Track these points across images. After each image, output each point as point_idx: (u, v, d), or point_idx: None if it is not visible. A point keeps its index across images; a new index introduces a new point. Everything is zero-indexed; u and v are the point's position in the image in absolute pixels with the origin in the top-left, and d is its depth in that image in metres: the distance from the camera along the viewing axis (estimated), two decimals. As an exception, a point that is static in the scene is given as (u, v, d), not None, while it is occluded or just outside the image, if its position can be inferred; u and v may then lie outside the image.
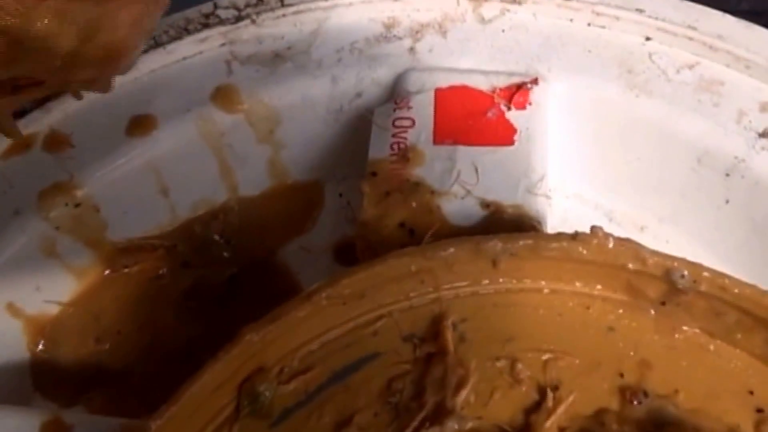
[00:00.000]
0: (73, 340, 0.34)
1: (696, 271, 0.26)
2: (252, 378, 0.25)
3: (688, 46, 0.35)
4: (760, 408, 0.25)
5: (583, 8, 0.36)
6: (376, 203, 0.31)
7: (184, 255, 0.36)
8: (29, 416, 0.26)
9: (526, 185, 0.31)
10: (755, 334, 0.26)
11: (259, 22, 0.36)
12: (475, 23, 0.36)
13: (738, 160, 0.33)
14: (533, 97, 0.34)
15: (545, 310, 0.27)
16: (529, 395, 0.26)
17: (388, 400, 0.26)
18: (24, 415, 0.26)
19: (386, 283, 0.27)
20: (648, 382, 0.26)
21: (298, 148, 0.38)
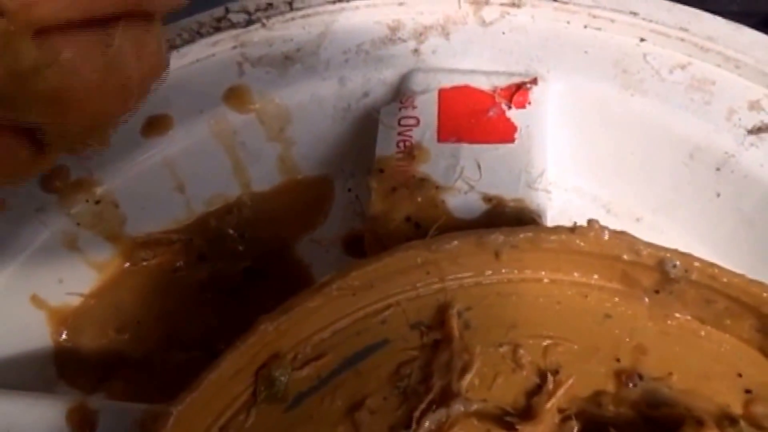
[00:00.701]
0: (95, 330, 0.34)
1: (687, 261, 0.26)
2: (268, 364, 0.26)
3: (681, 47, 0.35)
4: (748, 389, 0.26)
5: (580, 11, 0.36)
6: (384, 198, 0.32)
7: (199, 248, 0.36)
8: (56, 402, 0.27)
9: (527, 180, 0.32)
10: (743, 320, 0.26)
11: (269, 25, 0.36)
12: (476, 26, 0.37)
13: (728, 155, 0.33)
14: (533, 97, 0.34)
15: (545, 299, 0.28)
16: (530, 379, 0.26)
17: (397, 384, 0.26)
18: (51, 402, 0.27)
19: (394, 275, 0.27)
20: (643, 365, 0.26)
21: (308, 145, 0.38)
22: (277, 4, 0.37)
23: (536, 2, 0.36)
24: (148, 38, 0.21)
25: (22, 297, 0.32)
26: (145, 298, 0.35)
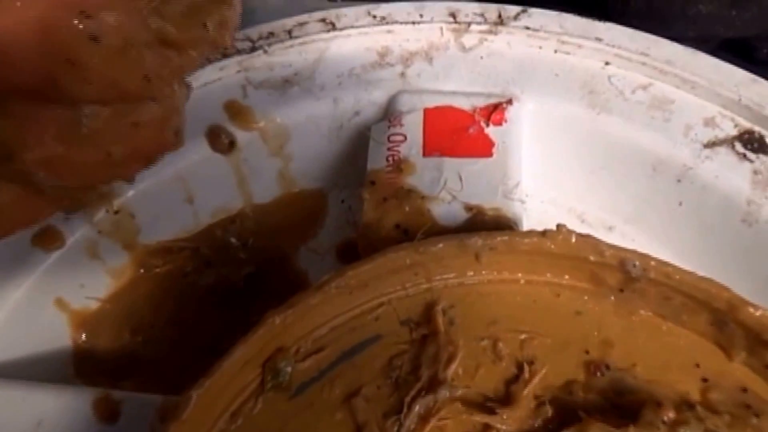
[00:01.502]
0: (111, 333, 0.35)
1: (645, 261, 0.27)
2: (274, 357, 0.27)
3: (642, 70, 0.35)
4: (705, 378, 0.27)
5: (550, 37, 0.36)
6: (375, 208, 0.32)
7: (206, 256, 0.37)
8: (82, 393, 0.28)
9: (504, 191, 0.32)
10: (698, 315, 0.27)
11: (270, 52, 0.37)
12: (457, 51, 0.37)
13: (687, 167, 0.34)
14: (508, 115, 0.35)
15: (521, 298, 0.28)
16: (508, 369, 0.27)
17: (389, 374, 0.27)
18: (78, 392, 0.28)
19: (386, 275, 0.28)
20: (610, 357, 0.27)
21: (305, 160, 0.38)
22: (277, 33, 0.37)
23: (511, 30, 0.37)
24: (139, 115, 0.21)
25: (48, 299, 0.33)
26: (157, 302, 0.36)
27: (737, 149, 0.34)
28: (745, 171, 0.33)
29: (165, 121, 0.22)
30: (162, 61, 0.20)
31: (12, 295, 0.32)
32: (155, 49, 0.20)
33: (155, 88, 0.20)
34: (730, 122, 0.34)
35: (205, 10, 0.20)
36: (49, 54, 0.18)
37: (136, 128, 0.21)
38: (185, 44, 0.20)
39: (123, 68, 0.19)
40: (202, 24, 0.20)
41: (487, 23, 0.37)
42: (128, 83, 0.19)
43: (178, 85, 0.22)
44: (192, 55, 0.21)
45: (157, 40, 0.20)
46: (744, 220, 0.33)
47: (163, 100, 0.21)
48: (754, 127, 0.34)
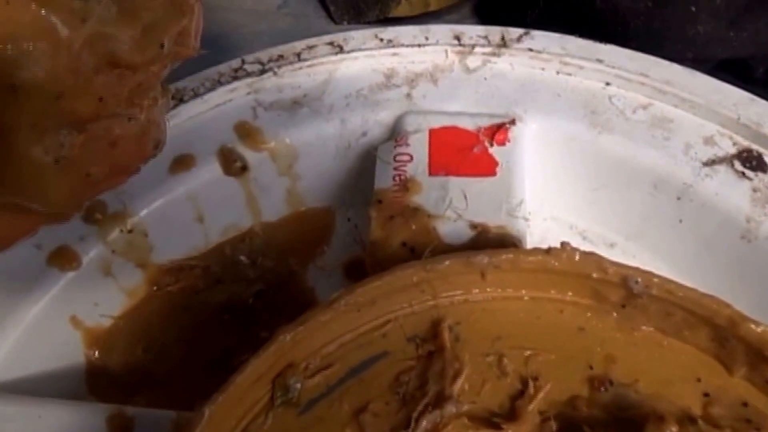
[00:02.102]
0: (123, 350, 0.35)
1: (647, 278, 0.27)
2: (283, 373, 0.26)
3: (642, 90, 0.36)
4: (706, 392, 0.26)
5: (552, 59, 0.37)
6: (382, 226, 0.32)
7: (217, 274, 0.37)
8: (96, 410, 0.28)
9: (508, 209, 0.33)
10: (700, 331, 0.27)
11: (280, 74, 0.38)
12: (461, 73, 0.38)
13: (687, 185, 0.34)
14: (512, 135, 0.35)
15: (526, 314, 0.28)
16: (513, 385, 0.27)
17: (396, 390, 0.27)
18: (92, 409, 0.28)
19: (393, 292, 0.28)
20: (613, 372, 0.27)
21: (313, 179, 0.39)
22: (286, 56, 0.38)
23: (514, 52, 0.37)
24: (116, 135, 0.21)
25: (63, 318, 0.33)
26: (169, 319, 0.36)
27: (736, 167, 0.34)
28: (744, 189, 0.33)
29: (143, 136, 0.22)
30: (116, 81, 0.20)
31: (28, 313, 0.32)
32: (105, 71, 0.19)
33: (113, 107, 0.20)
34: (729, 141, 0.35)
35: (161, 29, 0.20)
36: None
37: (114, 147, 0.21)
38: (141, 65, 0.20)
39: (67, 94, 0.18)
40: (158, 44, 0.20)
41: (490, 45, 0.38)
42: (78, 107, 0.19)
43: (153, 99, 0.21)
44: (152, 70, 0.20)
45: (107, 63, 0.19)
46: (743, 236, 0.33)
47: (137, 115, 0.21)
48: (752, 145, 0.34)
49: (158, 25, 0.19)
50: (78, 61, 0.18)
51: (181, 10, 0.20)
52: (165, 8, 0.19)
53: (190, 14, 0.21)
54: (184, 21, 0.20)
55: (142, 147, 0.22)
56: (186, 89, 0.36)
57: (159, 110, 0.22)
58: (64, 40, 0.17)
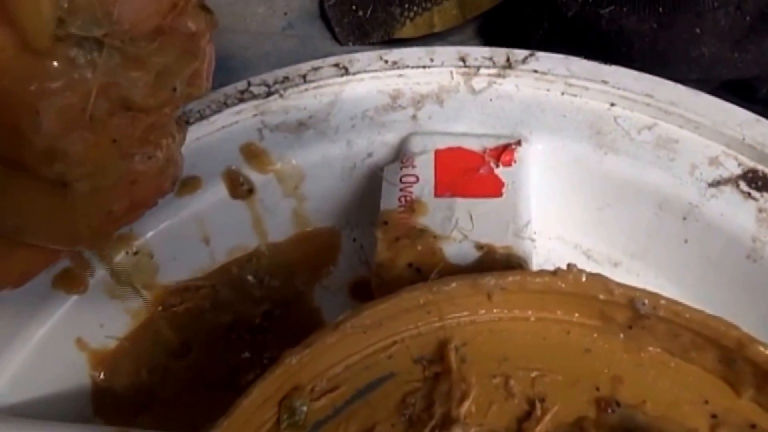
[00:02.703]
0: (129, 371, 0.35)
1: (654, 300, 0.27)
2: (290, 395, 0.27)
3: (647, 110, 0.36)
4: (714, 414, 0.27)
5: (558, 80, 0.37)
6: (388, 247, 0.33)
7: (223, 294, 0.37)
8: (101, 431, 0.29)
9: (514, 230, 0.33)
10: (707, 352, 0.27)
11: (286, 96, 0.38)
12: (467, 94, 0.38)
13: (692, 206, 0.34)
14: (518, 156, 0.35)
15: (532, 335, 0.29)
16: (520, 406, 0.27)
17: (403, 412, 0.27)
18: (96, 430, 0.29)
19: (399, 314, 0.28)
20: (620, 394, 0.27)
21: (319, 200, 0.39)
22: (292, 77, 0.38)
23: (519, 73, 0.37)
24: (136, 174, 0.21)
25: (69, 340, 0.33)
26: (174, 341, 0.36)
27: (741, 188, 0.34)
28: (750, 209, 0.34)
29: (161, 173, 0.22)
30: (129, 123, 0.20)
31: (34, 335, 0.32)
32: (120, 114, 0.20)
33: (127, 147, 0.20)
34: (734, 161, 0.35)
35: (174, 73, 0.20)
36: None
37: (134, 184, 0.21)
38: (154, 108, 0.20)
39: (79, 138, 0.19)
40: (170, 88, 0.20)
41: (495, 67, 0.38)
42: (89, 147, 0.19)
43: (171, 136, 0.22)
44: (165, 112, 0.21)
45: (120, 106, 0.19)
46: (749, 256, 0.33)
47: (157, 154, 0.21)
48: (757, 166, 0.34)
49: (170, 70, 0.20)
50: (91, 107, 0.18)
51: (193, 54, 0.20)
52: (177, 53, 0.20)
53: (202, 57, 0.21)
54: (196, 64, 0.21)
55: (161, 183, 0.22)
56: (192, 111, 0.37)
57: (176, 147, 0.23)
58: (76, 88, 0.18)
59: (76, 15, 0.16)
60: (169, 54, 0.19)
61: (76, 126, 0.18)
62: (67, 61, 0.17)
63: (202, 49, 0.21)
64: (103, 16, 0.17)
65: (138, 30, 0.18)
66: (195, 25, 0.20)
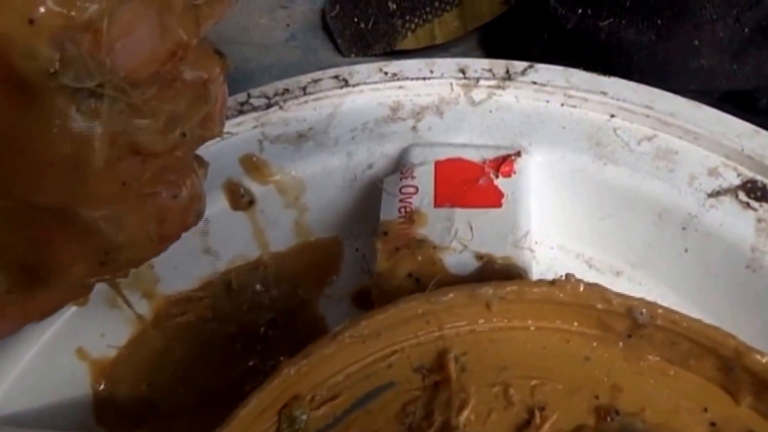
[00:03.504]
0: (130, 381, 0.35)
1: (652, 309, 0.27)
2: (289, 404, 0.27)
3: (646, 122, 0.36)
4: (713, 422, 0.27)
5: (557, 91, 0.38)
6: (388, 257, 0.33)
7: (226, 304, 0.37)
8: None
9: (513, 240, 0.33)
10: (705, 361, 0.28)
11: (286, 107, 0.38)
12: (466, 105, 0.38)
13: (691, 216, 0.34)
14: (517, 167, 0.36)
15: (532, 344, 0.29)
16: (519, 415, 0.27)
17: (403, 421, 0.27)
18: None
19: (398, 324, 0.28)
20: (619, 402, 0.27)
21: (320, 211, 0.39)
22: (292, 89, 0.39)
23: (519, 84, 0.38)
24: (164, 214, 0.22)
25: (70, 349, 0.34)
26: (176, 351, 0.36)
27: (741, 198, 0.35)
28: (749, 219, 0.34)
29: (187, 209, 0.23)
30: (139, 167, 0.20)
31: (34, 345, 0.33)
32: (128, 158, 0.20)
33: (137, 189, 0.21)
34: (733, 172, 0.35)
35: (184, 119, 0.20)
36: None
37: (162, 223, 0.22)
38: (163, 152, 0.20)
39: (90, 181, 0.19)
40: (180, 133, 0.20)
41: (495, 78, 0.39)
42: (102, 191, 0.20)
43: (193, 174, 0.23)
44: (176, 155, 0.21)
45: (129, 151, 0.20)
46: (748, 266, 0.34)
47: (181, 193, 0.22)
48: (756, 176, 0.35)
49: (180, 115, 0.20)
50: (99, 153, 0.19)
51: (203, 99, 0.21)
52: (187, 99, 0.20)
53: (213, 101, 0.21)
54: (207, 108, 0.21)
55: (186, 219, 0.23)
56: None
57: (199, 183, 0.23)
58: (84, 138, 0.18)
59: (69, 67, 0.16)
60: (179, 100, 0.20)
61: (83, 175, 0.19)
62: (67, 113, 0.17)
63: (213, 93, 0.21)
64: (96, 67, 0.17)
65: (136, 77, 0.18)
66: (204, 71, 0.20)
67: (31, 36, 0.16)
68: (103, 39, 0.16)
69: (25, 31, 0.16)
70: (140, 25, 0.17)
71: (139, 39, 0.17)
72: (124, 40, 0.17)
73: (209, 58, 0.20)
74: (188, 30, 0.18)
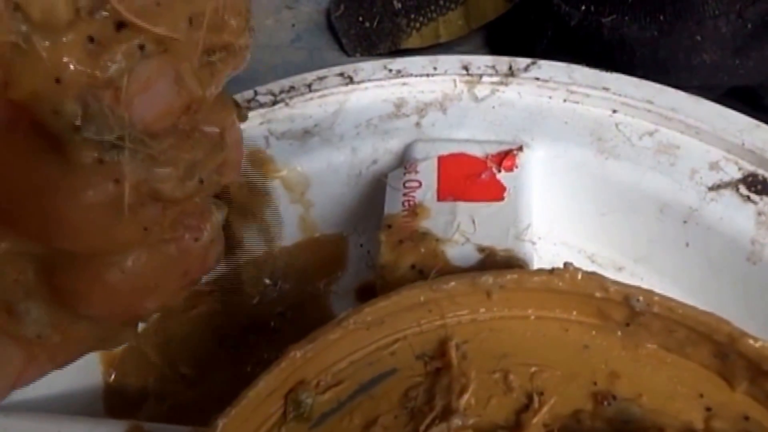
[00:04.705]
0: (140, 372, 0.37)
1: (648, 296, 0.28)
2: (295, 389, 0.28)
3: (648, 117, 0.37)
4: (708, 407, 0.28)
5: (560, 87, 0.39)
6: (392, 250, 0.34)
7: (236, 298, 0.38)
8: (115, 426, 0.30)
9: (515, 233, 0.34)
10: (701, 348, 0.28)
11: (292, 104, 0.40)
12: (469, 101, 0.40)
13: (692, 210, 0.36)
14: (519, 162, 0.37)
15: (531, 333, 0.30)
16: (519, 400, 0.28)
17: (405, 405, 0.28)
18: (111, 425, 0.30)
19: (401, 312, 0.29)
20: (616, 388, 0.28)
21: (325, 206, 0.40)
22: (298, 87, 0.40)
23: (521, 80, 0.39)
24: (189, 264, 0.23)
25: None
26: (186, 344, 0.37)
27: (741, 191, 0.36)
28: (749, 212, 0.35)
29: (208, 252, 0.24)
30: (160, 213, 0.21)
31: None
32: (149, 204, 0.21)
33: (158, 234, 0.22)
34: (734, 166, 0.36)
35: (202, 166, 0.21)
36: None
37: (186, 276, 0.23)
38: (182, 199, 0.22)
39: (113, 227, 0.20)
40: (198, 180, 0.22)
41: (498, 75, 0.40)
42: (124, 237, 0.21)
43: (212, 218, 0.24)
44: (194, 201, 0.23)
45: (150, 198, 0.21)
46: (748, 258, 0.35)
47: (203, 237, 0.23)
48: (757, 170, 0.36)
49: (198, 163, 0.21)
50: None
51: (220, 147, 0.22)
52: (205, 148, 0.21)
53: (228, 149, 0.23)
54: (223, 155, 0.23)
55: (207, 261, 0.24)
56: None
57: (218, 226, 0.24)
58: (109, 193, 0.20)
59: (91, 121, 0.17)
60: (196, 150, 0.21)
61: (108, 222, 0.20)
62: (91, 163, 0.18)
63: (227, 142, 0.23)
64: (116, 120, 0.18)
65: (154, 129, 0.19)
66: (220, 122, 0.22)
67: (58, 93, 0.17)
68: (123, 95, 0.18)
69: (54, 89, 0.17)
70: (157, 82, 0.19)
71: (156, 94, 0.19)
72: (142, 96, 0.18)
73: (226, 109, 0.22)
74: (203, 85, 0.20)
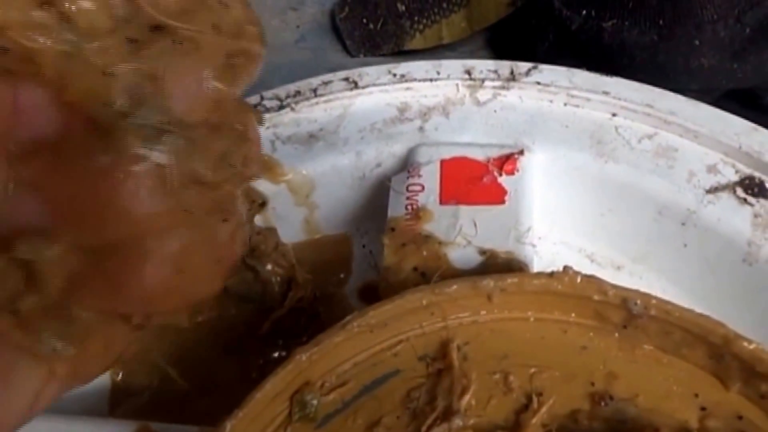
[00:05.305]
0: (146, 374, 0.37)
1: (646, 300, 0.29)
2: (301, 390, 0.29)
3: (647, 120, 0.38)
4: (703, 407, 0.29)
5: (560, 91, 0.39)
6: (395, 252, 0.35)
7: (245, 299, 0.38)
8: (122, 425, 0.31)
9: (516, 236, 0.35)
10: (697, 349, 0.29)
11: (297, 109, 0.40)
12: (472, 106, 0.40)
13: (690, 212, 0.36)
14: (520, 165, 0.37)
15: (531, 334, 0.31)
16: (518, 400, 0.29)
17: (407, 405, 0.29)
18: (118, 425, 0.31)
19: (404, 315, 0.30)
20: (614, 388, 0.29)
21: (329, 209, 0.41)
22: (303, 91, 0.41)
23: (523, 85, 0.40)
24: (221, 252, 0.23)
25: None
26: (196, 344, 0.38)
27: (738, 194, 0.36)
28: (746, 214, 0.36)
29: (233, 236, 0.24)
30: (200, 196, 0.22)
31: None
32: (191, 187, 0.22)
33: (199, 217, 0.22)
34: (732, 169, 0.37)
35: (231, 152, 0.23)
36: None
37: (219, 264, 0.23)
38: (218, 183, 0.23)
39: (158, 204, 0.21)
40: (229, 164, 0.23)
41: (500, 79, 0.41)
42: (169, 216, 0.21)
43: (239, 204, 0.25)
44: (227, 188, 0.24)
45: (192, 181, 0.22)
46: (745, 260, 0.36)
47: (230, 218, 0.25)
48: (754, 173, 0.37)
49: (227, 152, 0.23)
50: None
51: (244, 139, 0.24)
52: (231, 139, 0.23)
53: (249, 142, 0.25)
54: (248, 146, 0.25)
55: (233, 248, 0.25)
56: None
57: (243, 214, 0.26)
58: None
59: (137, 108, 0.19)
60: (225, 140, 0.23)
61: (154, 203, 0.21)
62: (138, 145, 0.20)
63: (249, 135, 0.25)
64: (159, 108, 0.20)
65: (189, 120, 0.21)
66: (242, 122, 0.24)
67: (107, 87, 0.19)
68: (163, 86, 0.20)
69: (103, 84, 0.19)
70: (190, 76, 0.20)
71: (189, 87, 0.21)
72: (178, 88, 0.20)
73: (247, 111, 0.24)
74: (227, 83, 0.22)
